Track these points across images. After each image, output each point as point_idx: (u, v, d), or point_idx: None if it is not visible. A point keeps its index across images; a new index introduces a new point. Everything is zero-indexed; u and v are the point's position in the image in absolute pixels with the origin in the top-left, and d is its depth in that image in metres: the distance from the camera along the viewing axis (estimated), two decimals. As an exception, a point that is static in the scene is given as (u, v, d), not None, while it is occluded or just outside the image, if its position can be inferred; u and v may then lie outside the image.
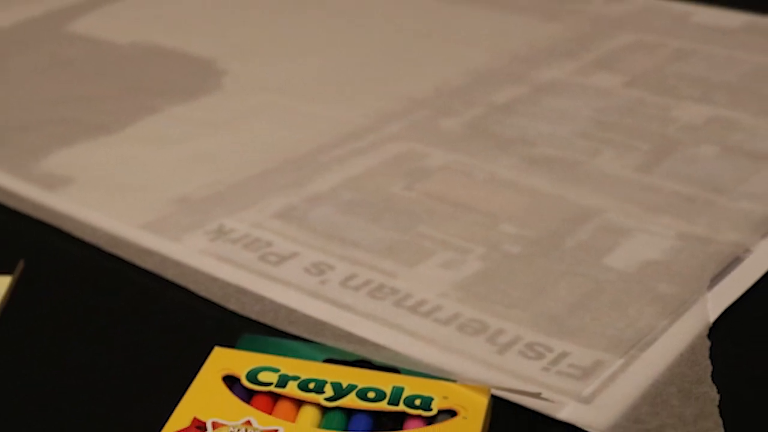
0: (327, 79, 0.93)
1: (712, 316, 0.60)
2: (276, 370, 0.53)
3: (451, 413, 0.50)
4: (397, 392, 0.51)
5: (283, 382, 0.52)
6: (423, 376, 0.53)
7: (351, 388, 0.52)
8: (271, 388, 0.52)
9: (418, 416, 0.50)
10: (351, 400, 0.51)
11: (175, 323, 0.61)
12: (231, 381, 0.53)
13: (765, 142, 0.79)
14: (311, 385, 0.52)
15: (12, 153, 0.80)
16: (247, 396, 0.52)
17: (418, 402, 0.51)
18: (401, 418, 0.51)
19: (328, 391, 0.52)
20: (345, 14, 1.10)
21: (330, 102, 0.88)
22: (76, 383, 0.56)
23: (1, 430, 0.52)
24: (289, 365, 0.53)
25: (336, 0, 1.14)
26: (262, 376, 0.53)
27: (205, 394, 0.51)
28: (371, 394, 0.51)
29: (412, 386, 0.52)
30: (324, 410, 0.51)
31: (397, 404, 0.51)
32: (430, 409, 0.50)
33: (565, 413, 0.53)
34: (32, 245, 0.69)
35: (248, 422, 0.49)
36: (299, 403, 0.52)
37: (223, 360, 0.54)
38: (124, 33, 1.06)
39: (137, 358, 0.58)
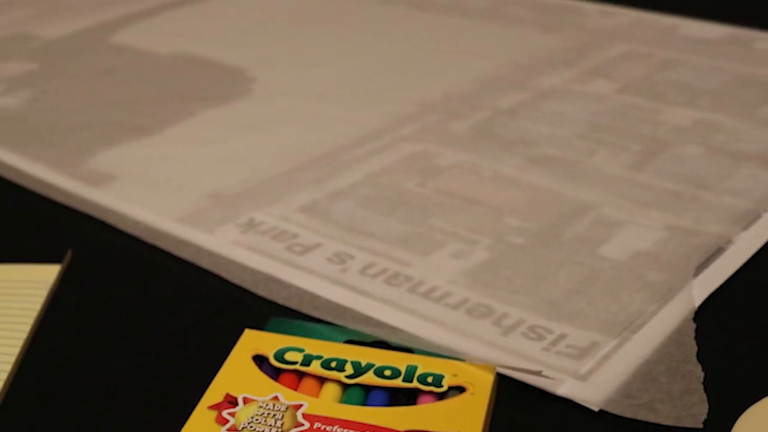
0: (347, 86, 0.93)
1: (697, 301, 0.59)
2: (301, 350, 0.53)
3: (460, 389, 0.50)
4: (411, 370, 0.51)
5: (307, 361, 0.52)
6: (435, 355, 0.53)
7: (369, 366, 0.52)
8: (297, 367, 0.52)
9: (430, 392, 0.50)
10: (369, 378, 0.51)
11: (209, 308, 0.61)
12: (260, 360, 0.53)
13: (745, 143, 0.79)
14: (333, 364, 0.52)
15: (62, 152, 0.80)
16: (275, 374, 0.52)
17: (430, 379, 0.51)
18: (415, 394, 0.51)
19: (349, 369, 0.52)
20: (363, 28, 1.09)
21: (350, 107, 0.88)
22: (119, 362, 0.56)
23: (51, 406, 0.53)
24: (313, 346, 0.53)
25: (355, 15, 1.14)
26: (289, 356, 0.53)
27: (237, 372, 0.51)
28: (387, 372, 0.51)
29: (424, 365, 0.52)
30: (344, 387, 0.51)
31: (411, 381, 0.51)
32: (441, 386, 0.50)
33: (563, 389, 0.52)
34: (79, 237, 0.69)
35: (276, 398, 0.49)
36: (322, 380, 0.52)
37: (253, 341, 0.54)
38: (163, 44, 1.06)
39: (175, 339, 0.58)
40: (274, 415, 0.48)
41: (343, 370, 0.52)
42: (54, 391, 0.54)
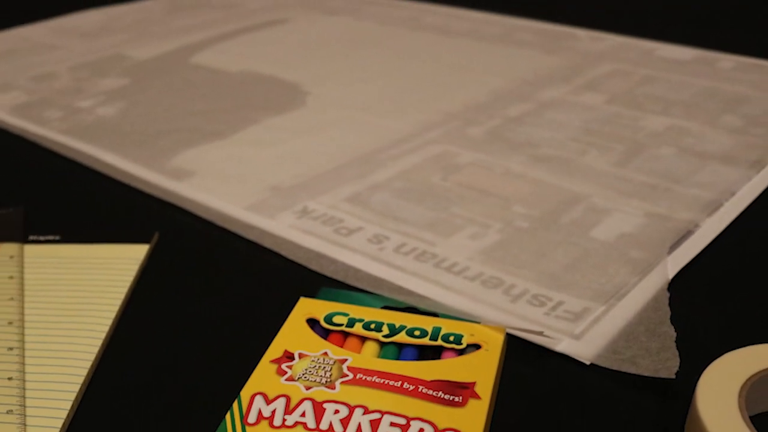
0: (384, 98, 0.93)
1: (671, 275, 0.59)
2: (346, 315, 0.53)
3: (476, 347, 0.50)
4: (436, 331, 0.51)
5: (351, 323, 0.52)
6: (455, 318, 0.53)
7: (402, 327, 0.52)
8: (342, 328, 0.52)
9: (452, 349, 0.50)
10: (402, 337, 0.51)
11: (270, 280, 0.61)
12: (312, 323, 0.53)
13: (710, 144, 0.79)
14: (372, 326, 0.52)
15: (150, 153, 0.81)
16: (325, 334, 0.52)
17: (451, 338, 0.51)
18: (439, 350, 0.51)
19: (385, 330, 0.51)
20: (398, 51, 1.09)
21: (386, 115, 0.88)
22: (196, 325, 0.56)
23: (141, 359, 0.53)
24: (355, 311, 0.53)
25: (391, 41, 1.14)
26: (336, 319, 0.53)
27: (293, 333, 0.51)
28: (417, 332, 0.51)
29: (447, 326, 0.52)
30: (382, 344, 0.51)
31: (436, 340, 0.51)
32: (461, 344, 0.50)
33: (561, 347, 0.52)
34: (164, 221, 0.69)
35: (325, 353, 0.49)
36: (363, 339, 0.52)
37: (306, 307, 0.54)
38: (233, 64, 1.06)
39: (242, 305, 0.58)
40: (324, 367, 0.48)
41: (381, 331, 0.52)
42: (142, 348, 0.54)
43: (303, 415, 0.45)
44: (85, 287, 0.60)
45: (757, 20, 1.22)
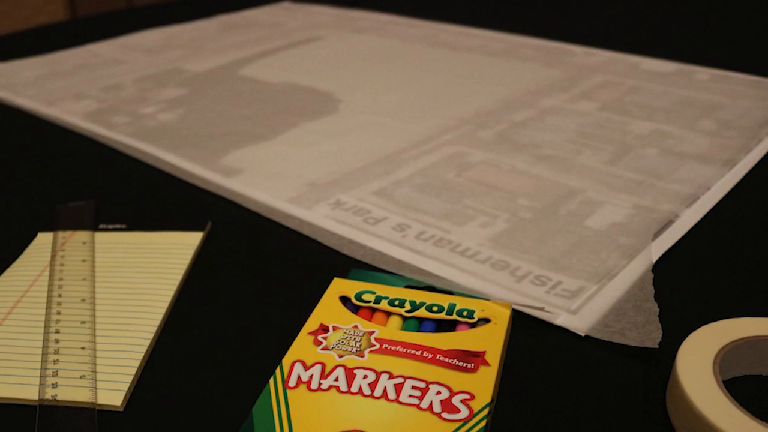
0: (406, 105, 0.93)
1: (655, 258, 0.59)
2: (373, 293, 0.53)
3: (486, 321, 0.50)
4: (452, 307, 0.51)
5: (378, 300, 0.52)
6: (468, 296, 0.53)
7: (422, 304, 0.52)
8: (370, 304, 0.52)
9: (465, 322, 0.50)
10: (422, 312, 0.51)
11: (308, 263, 0.61)
12: (344, 300, 0.53)
13: (689, 145, 0.78)
14: (396, 302, 0.52)
15: (204, 153, 0.81)
16: (355, 309, 0.52)
17: (465, 313, 0.50)
18: (454, 324, 0.51)
19: (407, 306, 0.51)
20: (417, 64, 1.09)
21: (408, 120, 0.88)
22: (244, 302, 0.56)
23: (196, 331, 0.53)
24: (382, 289, 0.53)
25: (411, 56, 1.13)
26: (365, 297, 0.53)
27: (328, 308, 0.52)
28: (435, 308, 0.51)
29: (461, 303, 0.51)
30: (404, 319, 0.51)
31: (451, 315, 0.50)
32: (473, 318, 0.50)
33: (560, 320, 0.52)
34: (216, 212, 0.69)
35: (355, 326, 0.49)
36: (388, 314, 0.52)
37: (339, 286, 0.54)
38: (275, 76, 1.06)
39: (284, 285, 0.58)
40: (355, 338, 0.48)
41: (404, 307, 0.51)
42: (197, 322, 0.54)
43: (336, 379, 0.45)
44: (147, 269, 0.60)
45: (729, 38, 1.21)
